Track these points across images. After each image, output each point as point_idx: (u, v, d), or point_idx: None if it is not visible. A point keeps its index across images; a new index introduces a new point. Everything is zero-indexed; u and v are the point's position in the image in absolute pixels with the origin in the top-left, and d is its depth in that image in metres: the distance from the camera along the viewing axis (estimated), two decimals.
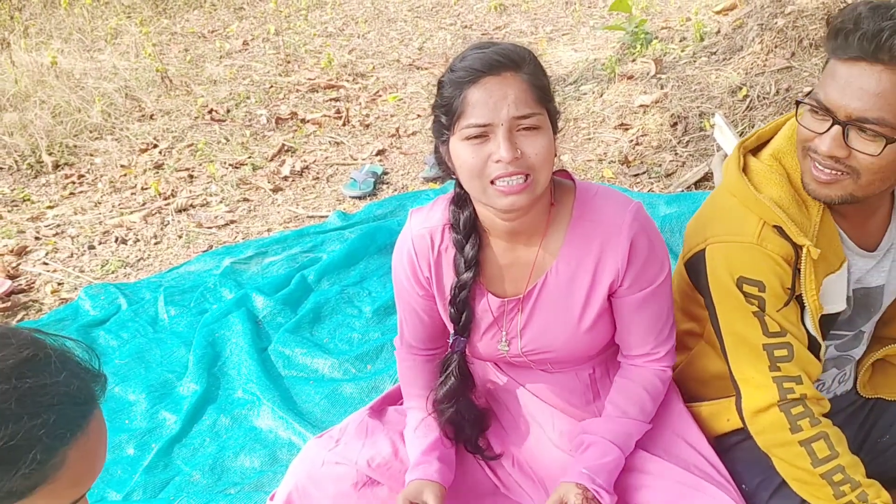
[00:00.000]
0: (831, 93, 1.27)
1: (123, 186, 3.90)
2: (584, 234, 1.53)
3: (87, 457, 0.87)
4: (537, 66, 1.41)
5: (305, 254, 3.09)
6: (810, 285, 1.40)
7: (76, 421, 0.86)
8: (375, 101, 4.82)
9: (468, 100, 1.36)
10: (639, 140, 3.53)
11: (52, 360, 0.86)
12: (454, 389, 1.63)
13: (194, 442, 2.21)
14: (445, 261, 1.59)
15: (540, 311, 1.59)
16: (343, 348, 2.56)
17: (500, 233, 1.54)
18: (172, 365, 2.52)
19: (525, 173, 1.38)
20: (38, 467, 0.82)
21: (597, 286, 1.55)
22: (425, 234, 1.59)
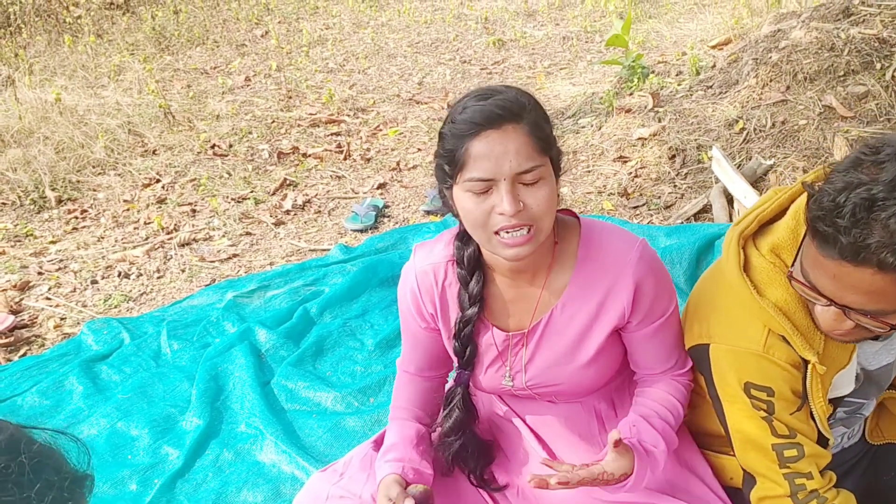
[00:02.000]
0: (822, 283, 1.16)
1: (126, 221, 3.92)
2: (589, 272, 1.54)
3: None
4: (539, 113, 1.40)
5: (307, 287, 3.11)
6: (817, 393, 1.36)
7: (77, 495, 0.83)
8: (376, 136, 4.87)
9: (470, 153, 1.36)
10: (637, 172, 3.57)
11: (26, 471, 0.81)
12: (459, 422, 1.64)
13: (197, 477, 2.20)
14: (450, 296, 1.61)
15: (545, 346, 1.60)
16: (346, 381, 2.56)
17: (504, 270, 1.56)
18: (175, 399, 2.52)
19: (528, 224, 1.40)
20: None
21: (600, 324, 1.55)
22: (429, 270, 1.61)
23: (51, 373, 2.70)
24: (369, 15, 7.96)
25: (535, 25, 7.23)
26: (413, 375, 1.78)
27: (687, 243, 2.77)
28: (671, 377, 1.63)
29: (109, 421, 2.42)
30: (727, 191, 3.13)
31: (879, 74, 3.39)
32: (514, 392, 1.67)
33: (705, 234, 2.82)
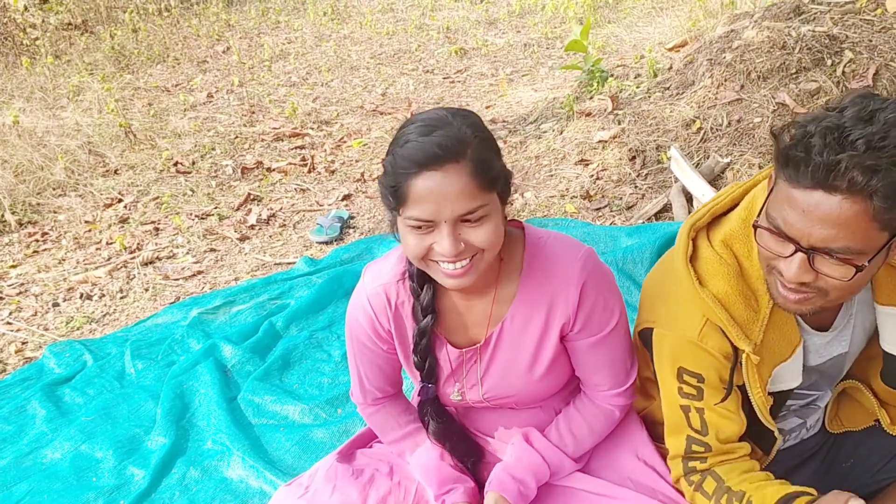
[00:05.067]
0: (791, 220, 1.16)
1: (88, 242, 3.88)
2: (535, 283, 1.55)
3: None
4: (484, 147, 1.36)
5: (273, 301, 3.09)
6: (755, 383, 1.39)
7: None
8: (340, 148, 4.87)
9: (410, 192, 1.32)
10: (599, 175, 3.60)
11: None
12: (438, 432, 1.65)
13: (164, 496, 2.17)
14: (404, 314, 1.60)
15: (498, 359, 1.61)
16: (313, 393, 2.55)
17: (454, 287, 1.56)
18: (140, 419, 2.49)
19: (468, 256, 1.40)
20: None
21: (549, 332, 1.57)
22: (380, 291, 1.59)
23: (12, 398, 2.66)
24: (331, 28, 7.96)
25: (496, 33, 7.29)
26: (380, 402, 1.76)
27: (648, 242, 2.80)
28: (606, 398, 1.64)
29: (73, 444, 2.38)
30: (686, 189, 3.18)
31: (830, 71, 3.47)
32: (469, 404, 1.68)
33: (665, 232, 2.86)
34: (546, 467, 1.60)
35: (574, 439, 1.63)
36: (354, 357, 1.71)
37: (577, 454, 1.63)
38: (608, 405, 1.63)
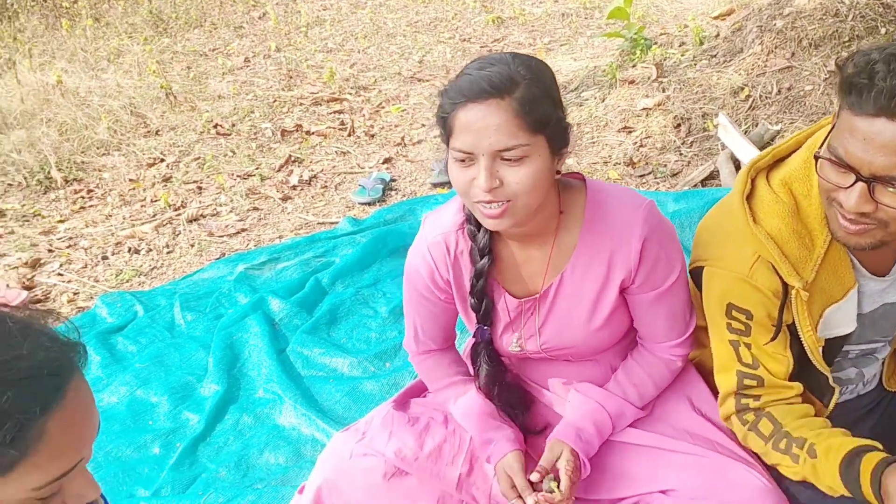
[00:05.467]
0: (852, 149, 1.16)
1: (133, 199, 3.93)
2: (596, 235, 1.55)
3: (68, 429, 0.85)
4: (533, 90, 1.36)
5: (318, 258, 3.12)
6: (805, 322, 1.40)
7: (48, 394, 0.83)
8: (379, 113, 4.87)
9: (456, 122, 1.36)
10: (643, 142, 3.58)
11: (14, 335, 0.83)
12: (490, 376, 1.65)
13: (218, 440, 2.22)
14: (463, 265, 1.62)
15: (557, 310, 1.62)
16: (361, 347, 2.58)
17: (509, 235, 1.57)
18: (192, 368, 2.54)
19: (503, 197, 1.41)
20: (13, 444, 0.80)
21: (609, 284, 1.57)
22: (440, 240, 1.61)
23: None
24: None
25: (533, 2, 7.22)
26: (434, 352, 1.78)
27: (696, 207, 2.79)
28: (665, 350, 1.65)
29: (129, 389, 2.44)
30: (735, 157, 3.15)
31: (885, 39, 3.41)
32: (527, 355, 1.70)
33: (714, 198, 2.84)
34: (607, 416, 1.60)
35: (636, 390, 1.63)
36: (411, 306, 1.73)
37: (640, 404, 1.64)
38: (668, 356, 1.63)
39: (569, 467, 1.50)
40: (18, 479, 0.82)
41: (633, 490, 1.59)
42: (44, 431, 0.82)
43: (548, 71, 1.43)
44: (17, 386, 0.80)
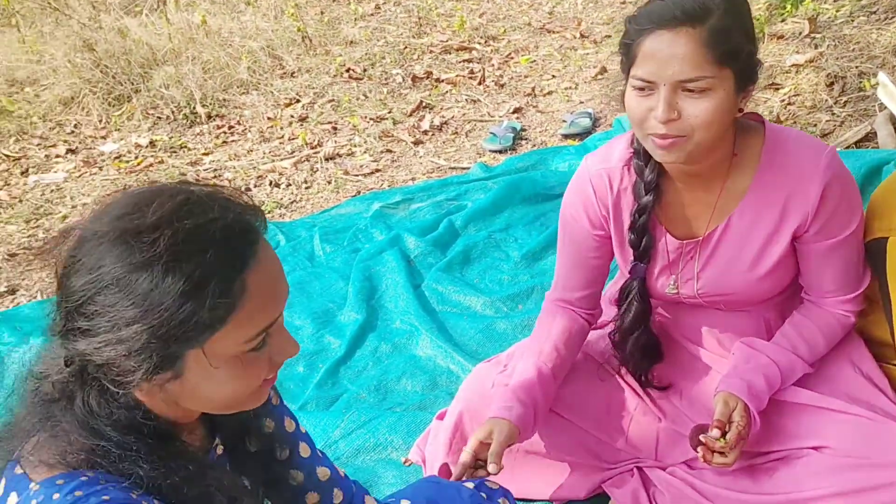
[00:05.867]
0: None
1: (272, 136, 4.09)
2: (771, 179, 1.51)
3: (265, 282, 0.91)
4: (728, 20, 1.32)
5: (450, 201, 3.17)
6: None
7: (243, 250, 0.90)
8: (508, 63, 4.85)
9: (640, 50, 1.35)
10: (791, 100, 3.43)
11: (203, 201, 0.90)
12: (638, 315, 1.64)
13: (358, 365, 2.33)
14: (624, 202, 1.61)
15: (719, 255, 1.59)
16: (494, 288, 2.63)
17: (679, 174, 1.55)
18: (332, 296, 2.65)
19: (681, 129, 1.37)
20: (223, 298, 0.87)
21: (781, 231, 1.53)
22: (603, 174, 1.61)
23: None
24: None
25: None
26: (562, 307, 1.76)
27: (852, 169, 2.65)
28: (836, 304, 1.59)
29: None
30: (895, 117, 2.97)
31: None
32: (681, 299, 1.68)
33: (871, 159, 2.70)
34: (777, 371, 1.54)
35: (806, 345, 1.58)
36: (561, 248, 1.74)
37: (811, 359, 1.58)
38: (840, 311, 1.58)
39: (742, 422, 1.47)
40: (232, 332, 0.90)
41: (784, 444, 1.57)
42: (246, 286, 0.89)
43: (745, 2, 1.39)
44: (216, 245, 0.87)
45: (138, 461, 0.92)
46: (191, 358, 0.90)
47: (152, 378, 0.90)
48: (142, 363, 0.88)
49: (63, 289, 0.90)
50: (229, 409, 1.00)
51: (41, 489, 0.89)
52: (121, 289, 0.86)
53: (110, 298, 0.86)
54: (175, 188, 0.92)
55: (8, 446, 0.96)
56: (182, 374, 0.91)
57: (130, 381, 0.89)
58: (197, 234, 0.87)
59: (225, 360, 0.91)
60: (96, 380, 0.93)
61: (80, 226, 0.92)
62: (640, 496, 1.67)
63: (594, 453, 1.76)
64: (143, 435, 0.94)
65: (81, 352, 0.89)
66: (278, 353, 0.97)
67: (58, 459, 0.91)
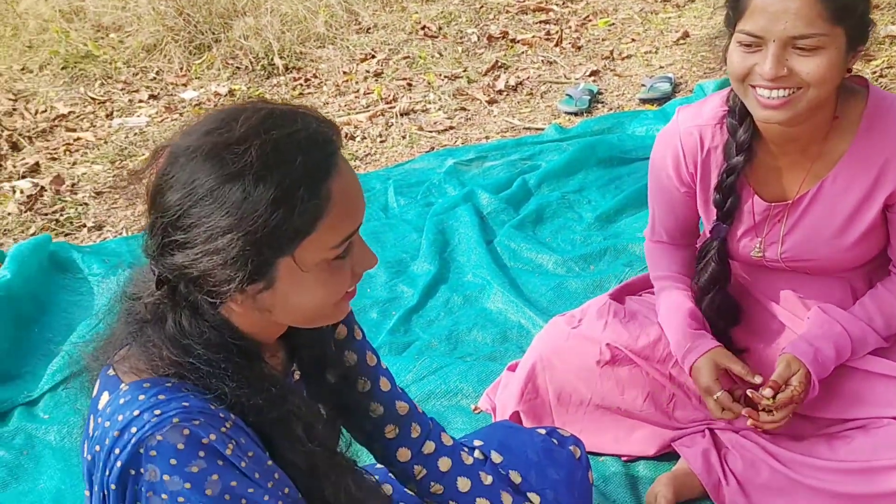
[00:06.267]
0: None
1: (347, 90, 4.13)
2: (870, 144, 1.48)
3: (347, 189, 0.97)
4: None
5: (524, 161, 3.17)
6: None
7: (326, 159, 0.95)
8: (585, 26, 4.77)
9: (750, 3, 1.32)
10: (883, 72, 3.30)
11: (286, 115, 0.95)
12: (714, 275, 1.63)
13: (430, 314, 2.37)
14: (713, 160, 1.59)
15: (808, 219, 1.56)
16: (566, 248, 2.63)
17: (774, 136, 1.52)
18: (405, 247, 2.69)
19: (789, 87, 1.34)
20: (311, 204, 0.92)
21: (873, 199, 1.50)
22: (694, 131, 1.59)
23: None
24: None
25: None
26: (665, 244, 1.79)
27: None
28: None
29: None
30: None
31: None
32: (763, 262, 1.66)
33: None
34: (849, 341, 1.53)
35: (883, 319, 1.55)
36: (652, 194, 1.74)
37: (885, 333, 1.56)
38: None
39: (799, 388, 1.47)
40: (320, 239, 0.94)
41: (863, 413, 1.56)
42: (330, 193, 0.94)
43: None
44: (301, 154, 0.92)
45: (225, 379, 0.97)
46: (282, 266, 0.95)
47: (246, 288, 0.94)
48: (237, 272, 0.92)
49: (157, 206, 0.95)
50: (315, 322, 1.05)
51: (129, 389, 0.96)
52: (214, 200, 0.91)
53: (205, 210, 0.91)
54: (257, 104, 0.97)
55: (103, 355, 1.04)
56: (273, 284, 0.96)
57: (226, 291, 0.94)
58: (283, 144, 0.92)
59: (313, 266, 0.96)
60: (188, 300, 0.98)
61: (171, 144, 0.97)
62: (710, 457, 1.67)
63: (665, 411, 1.77)
64: (231, 354, 0.99)
65: (179, 265, 0.94)
66: (359, 263, 1.02)
67: (147, 367, 0.97)
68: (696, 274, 1.70)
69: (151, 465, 0.91)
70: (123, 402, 0.94)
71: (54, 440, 1.96)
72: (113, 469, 0.93)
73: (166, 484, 0.91)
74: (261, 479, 0.98)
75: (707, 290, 1.67)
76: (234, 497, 0.94)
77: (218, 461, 0.93)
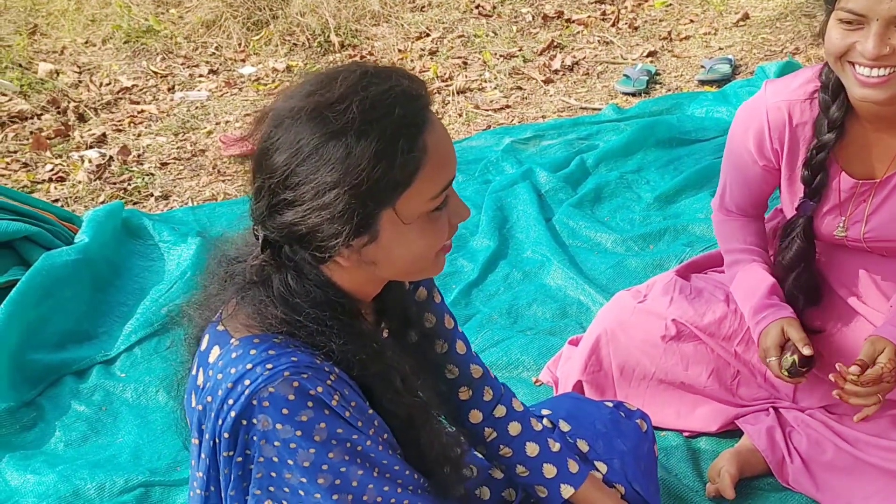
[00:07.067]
0: None
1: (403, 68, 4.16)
2: None
3: (441, 142, 1.00)
4: None
5: (581, 140, 3.18)
6: None
7: (420, 112, 0.98)
8: (642, 6, 4.72)
9: None
10: None
11: (380, 73, 0.98)
12: (800, 253, 1.63)
13: (490, 289, 2.40)
14: (801, 136, 1.58)
15: (893, 199, 1.55)
16: (625, 227, 2.64)
17: (866, 113, 1.51)
18: (465, 223, 2.71)
19: (891, 66, 1.34)
20: (409, 155, 0.96)
21: None
22: (782, 106, 1.58)
23: None
24: None
25: None
26: (736, 215, 1.79)
27: None
28: None
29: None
30: None
31: None
32: (844, 241, 1.65)
33: None
34: None
35: None
36: (727, 164, 1.73)
37: None
38: None
39: (889, 365, 1.46)
40: (419, 190, 0.98)
41: None
42: (426, 145, 0.98)
43: None
44: (399, 107, 0.96)
45: (332, 336, 1.02)
46: (385, 219, 0.99)
47: (352, 242, 0.99)
48: (343, 226, 0.97)
49: (264, 169, 1.00)
50: (416, 275, 1.10)
51: (240, 344, 1.01)
52: (320, 157, 0.95)
53: (311, 167, 0.96)
54: (353, 65, 1.01)
55: (206, 311, 1.10)
56: (378, 237, 1.00)
57: (334, 245, 0.98)
58: (381, 100, 0.96)
59: (414, 218, 1.01)
60: (293, 261, 1.03)
61: (273, 108, 1.01)
62: (775, 434, 1.69)
63: (729, 389, 1.78)
64: (336, 312, 1.04)
65: (288, 224, 0.98)
66: (455, 214, 1.06)
67: (257, 324, 1.03)
68: (780, 252, 1.69)
69: (264, 414, 0.97)
70: (235, 356, 1.00)
71: (131, 398, 2.04)
72: (226, 419, 0.99)
73: (279, 432, 0.97)
74: (363, 426, 1.03)
75: (792, 267, 1.66)
76: (340, 442, 1.00)
77: (324, 411, 0.98)
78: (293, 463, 0.99)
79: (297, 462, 0.99)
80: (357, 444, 1.01)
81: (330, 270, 1.04)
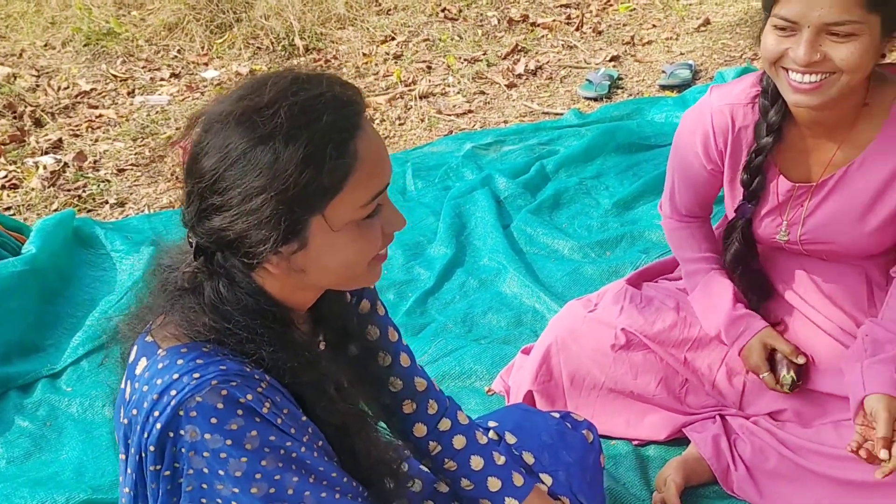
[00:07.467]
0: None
1: (367, 72, 4.14)
2: None
3: (373, 149, 0.99)
4: None
5: (542, 145, 3.18)
6: None
7: (351, 118, 0.98)
8: (606, 10, 4.75)
9: None
10: None
11: (311, 79, 0.99)
12: (739, 255, 1.66)
13: (446, 297, 2.39)
14: (744, 140, 1.60)
15: (830, 203, 1.57)
16: (582, 234, 2.64)
17: (804, 119, 1.53)
18: (423, 230, 2.71)
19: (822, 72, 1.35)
20: (338, 161, 0.95)
21: None
22: (725, 110, 1.60)
23: None
24: None
25: None
26: (686, 219, 1.80)
27: None
28: None
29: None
30: None
31: None
32: (783, 246, 1.67)
33: None
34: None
35: None
36: (673, 169, 1.75)
37: None
38: None
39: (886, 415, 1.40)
40: (349, 196, 0.98)
41: None
42: (356, 151, 0.97)
43: None
44: (327, 114, 0.95)
45: (262, 344, 1.01)
46: (314, 225, 0.98)
47: (280, 249, 0.98)
48: (271, 231, 0.96)
49: (194, 174, 0.99)
50: (349, 283, 1.09)
51: (167, 354, 1.00)
52: (248, 162, 0.95)
53: (239, 172, 0.95)
54: (285, 71, 1.01)
55: (139, 324, 1.08)
56: (307, 244, 0.99)
57: (262, 252, 0.98)
58: (310, 106, 0.95)
59: (343, 225, 1.00)
60: (224, 268, 1.02)
61: (205, 112, 1.01)
62: (720, 442, 1.69)
63: (678, 397, 1.79)
64: (267, 320, 1.03)
65: (216, 229, 0.98)
66: (389, 223, 1.05)
67: (184, 333, 1.01)
68: (723, 251, 1.72)
69: (191, 425, 0.95)
70: (162, 366, 0.98)
71: (76, 412, 2.01)
72: (152, 431, 0.97)
73: (207, 442, 0.95)
74: (297, 433, 1.02)
75: (733, 269, 1.70)
76: (273, 449, 0.99)
77: (255, 418, 0.97)
78: (224, 473, 0.97)
79: (229, 472, 0.97)
80: (291, 451, 1.00)
81: (261, 278, 1.03)
